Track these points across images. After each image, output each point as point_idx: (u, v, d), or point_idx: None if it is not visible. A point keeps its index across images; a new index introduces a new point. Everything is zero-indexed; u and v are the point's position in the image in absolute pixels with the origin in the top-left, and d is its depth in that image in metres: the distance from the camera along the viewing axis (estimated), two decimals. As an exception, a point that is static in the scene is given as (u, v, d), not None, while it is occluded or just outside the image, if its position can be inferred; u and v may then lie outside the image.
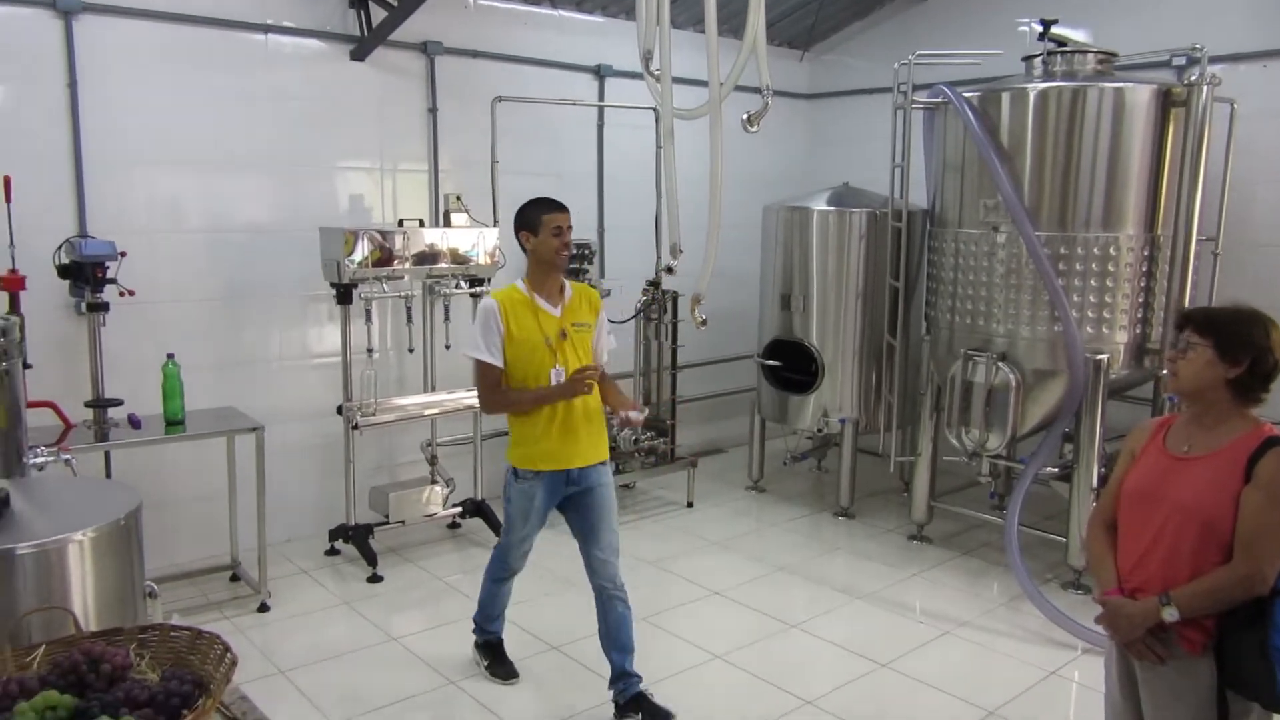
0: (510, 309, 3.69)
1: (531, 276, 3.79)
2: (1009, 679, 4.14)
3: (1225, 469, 2.34)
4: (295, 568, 5.17)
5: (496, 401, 3.77)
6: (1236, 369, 2.35)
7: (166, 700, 1.62)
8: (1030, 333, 5.03)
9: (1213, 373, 2.37)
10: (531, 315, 3.70)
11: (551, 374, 3.67)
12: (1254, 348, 2.34)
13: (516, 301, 3.72)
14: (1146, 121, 4.81)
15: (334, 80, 5.36)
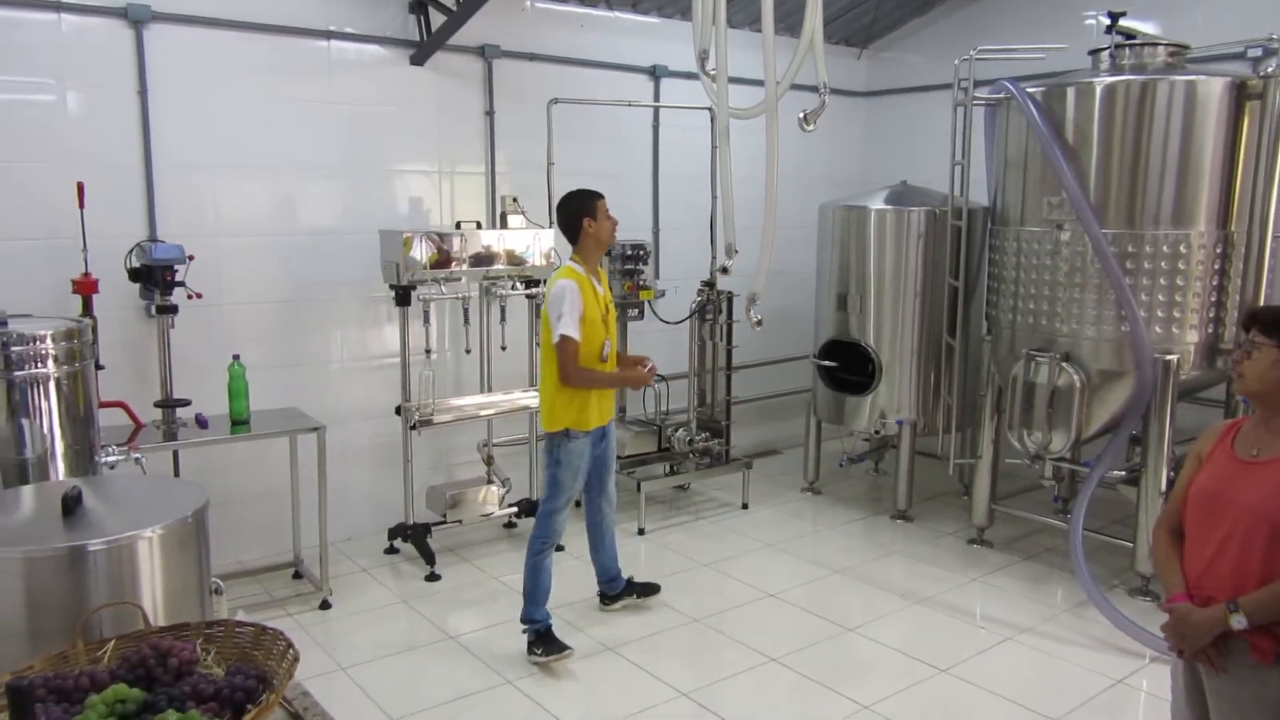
0: (582, 288, 4.08)
1: (587, 258, 4.21)
2: (1073, 687, 4.04)
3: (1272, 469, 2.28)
4: (355, 566, 5.26)
5: (582, 376, 4.10)
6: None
7: (231, 695, 1.65)
8: (1095, 332, 4.90)
9: (1278, 373, 2.31)
10: (593, 293, 4.14)
11: (604, 346, 4.15)
12: None
13: (582, 281, 4.11)
14: (1219, 115, 4.66)
15: (394, 85, 5.44)
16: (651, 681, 4.06)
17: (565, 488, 4.24)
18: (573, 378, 4.07)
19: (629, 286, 6.01)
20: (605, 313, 4.20)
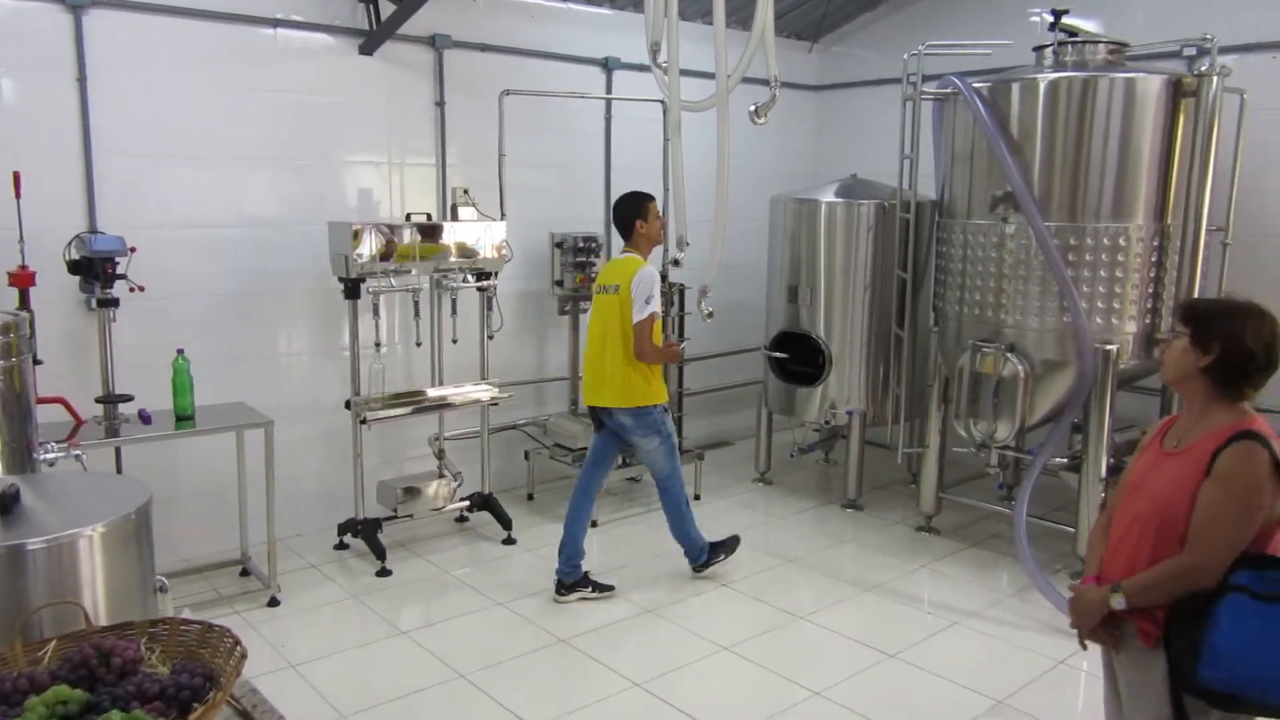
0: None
1: (640, 252, 4.77)
2: (1017, 669, 4.13)
3: (1193, 462, 2.33)
4: (304, 562, 5.19)
5: (656, 352, 4.68)
6: (1207, 357, 2.32)
7: (177, 693, 1.63)
8: (1039, 323, 5.01)
9: (1188, 361, 2.36)
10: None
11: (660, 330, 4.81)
12: (1224, 336, 2.31)
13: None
14: (1157, 112, 4.78)
15: (343, 74, 5.36)
16: (605, 673, 4.07)
17: (677, 448, 4.89)
18: (649, 353, 4.63)
19: (580, 279, 6.00)
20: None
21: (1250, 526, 2.24)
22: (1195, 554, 2.27)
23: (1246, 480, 2.24)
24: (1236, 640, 2.18)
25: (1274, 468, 2.24)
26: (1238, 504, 2.24)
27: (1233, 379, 2.33)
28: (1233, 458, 2.26)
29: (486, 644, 4.33)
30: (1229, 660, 2.18)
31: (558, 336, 6.45)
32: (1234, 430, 2.29)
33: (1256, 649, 2.16)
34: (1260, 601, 2.17)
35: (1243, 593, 2.19)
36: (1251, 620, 2.17)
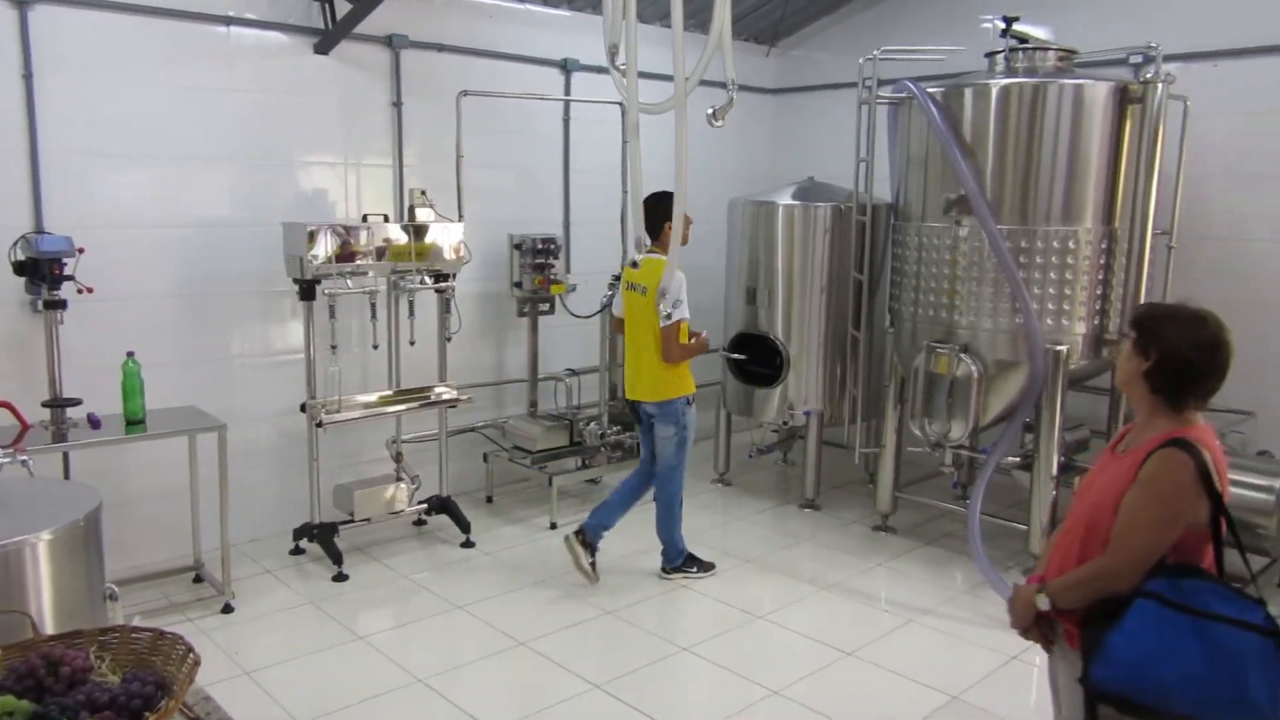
0: None
1: (665, 252, 4.68)
2: (971, 664, 4.20)
3: (1126, 468, 2.32)
4: (259, 568, 5.12)
5: (682, 350, 4.79)
6: (1147, 363, 2.31)
7: (128, 702, 1.61)
8: (992, 324, 5.09)
9: (1130, 366, 2.36)
10: None
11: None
12: (1162, 343, 2.29)
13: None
14: (1104, 118, 4.89)
15: (297, 73, 5.30)
16: (564, 675, 4.07)
17: (689, 444, 4.98)
18: (675, 354, 4.76)
19: (539, 281, 5.99)
20: None
21: (1167, 533, 2.22)
22: (1111, 557, 2.27)
23: (1166, 487, 2.23)
24: (1135, 644, 2.15)
25: (1199, 476, 2.21)
26: (1155, 510, 2.23)
27: (1171, 386, 2.30)
28: (1156, 464, 2.25)
29: (445, 648, 4.30)
30: (1122, 662, 2.16)
31: (517, 338, 6.43)
32: (1167, 437, 2.28)
33: (1155, 656, 2.13)
34: (1167, 609, 2.15)
35: (1154, 599, 2.16)
36: (1155, 626, 2.14)
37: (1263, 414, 5.38)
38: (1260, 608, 2.13)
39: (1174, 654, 2.11)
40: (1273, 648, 2.08)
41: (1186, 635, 2.11)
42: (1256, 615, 2.11)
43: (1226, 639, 2.09)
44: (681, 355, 4.79)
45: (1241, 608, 2.13)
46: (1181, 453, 2.23)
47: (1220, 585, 2.19)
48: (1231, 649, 2.08)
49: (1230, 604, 2.13)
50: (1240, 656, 2.08)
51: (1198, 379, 2.29)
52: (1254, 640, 2.09)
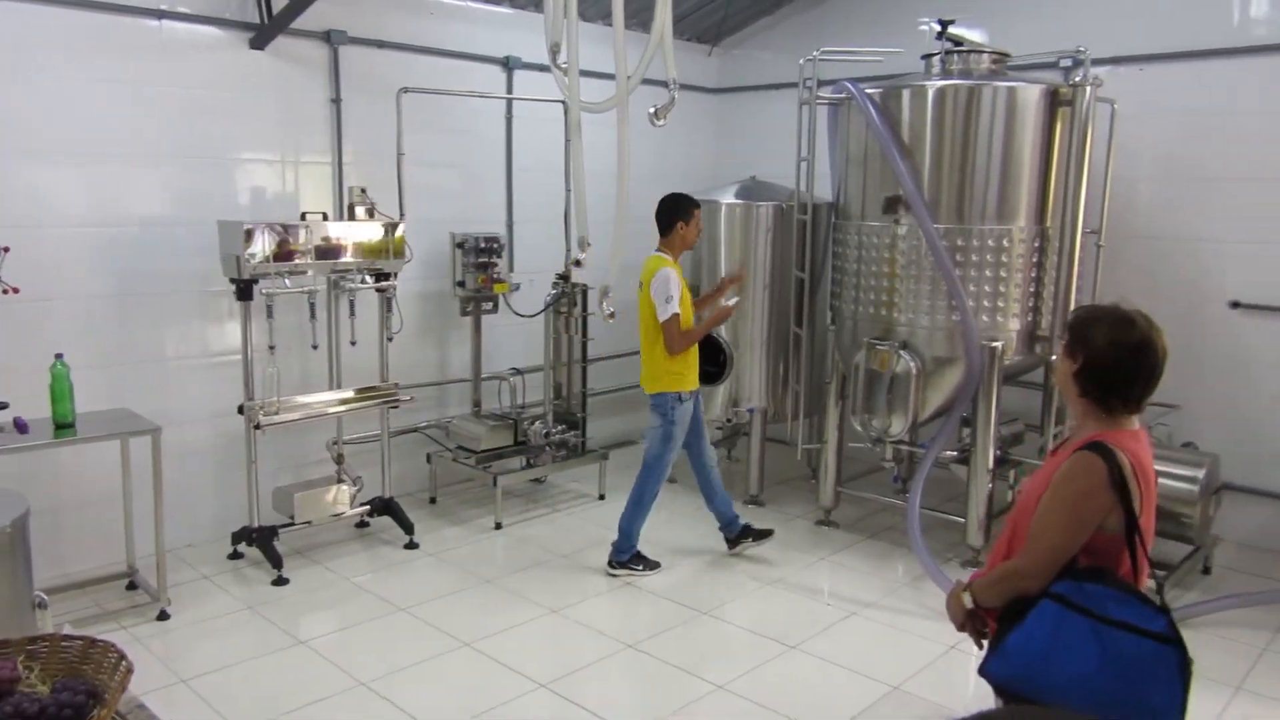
0: (678, 273, 4.91)
1: (674, 251, 5.00)
2: (912, 655, 4.28)
3: (1050, 470, 2.33)
4: (196, 573, 5.02)
5: (685, 338, 4.91)
6: (1075, 365, 2.29)
7: (58, 712, 1.57)
8: (930, 321, 5.19)
9: (1063, 368, 2.35)
10: (682, 277, 4.97)
11: (695, 320, 5.08)
12: (1089, 345, 2.27)
13: (677, 268, 4.94)
14: (1036, 119, 5.02)
15: (232, 69, 5.20)
16: (509, 675, 4.06)
17: (675, 441, 5.06)
18: (677, 346, 4.89)
19: (483, 280, 5.96)
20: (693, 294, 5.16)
21: (1073, 536, 2.23)
22: (1021, 558, 2.29)
23: (1075, 489, 2.23)
24: (1030, 642, 2.18)
25: (1111, 481, 2.19)
26: (1063, 512, 2.24)
27: (1097, 388, 2.28)
28: (1068, 467, 2.25)
29: (389, 650, 4.26)
30: (1016, 658, 2.19)
31: (460, 338, 6.38)
32: (1087, 440, 2.26)
33: (1050, 655, 2.15)
34: (1069, 610, 2.16)
35: (1057, 601, 2.18)
36: (1053, 627, 2.16)
37: (1187, 407, 5.56)
38: (1162, 615, 2.13)
39: (1069, 655, 2.13)
40: (1170, 655, 2.10)
41: (1084, 638, 2.13)
42: (1157, 623, 2.12)
43: (1123, 644, 2.10)
44: (682, 345, 4.91)
45: (1143, 615, 2.13)
46: (1094, 456, 2.21)
47: (1124, 591, 2.18)
48: (1127, 654, 2.10)
49: (1131, 610, 2.14)
50: (1135, 662, 2.09)
51: (1123, 382, 2.26)
52: (1150, 647, 2.10)
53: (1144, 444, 2.33)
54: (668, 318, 4.84)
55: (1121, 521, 2.23)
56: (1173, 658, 2.11)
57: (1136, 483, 2.23)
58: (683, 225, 4.99)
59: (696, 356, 5.06)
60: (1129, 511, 2.22)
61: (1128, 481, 2.21)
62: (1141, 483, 2.24)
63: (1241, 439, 5.50)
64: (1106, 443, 2.23)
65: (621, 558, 5.13)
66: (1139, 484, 2.23)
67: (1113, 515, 2.22)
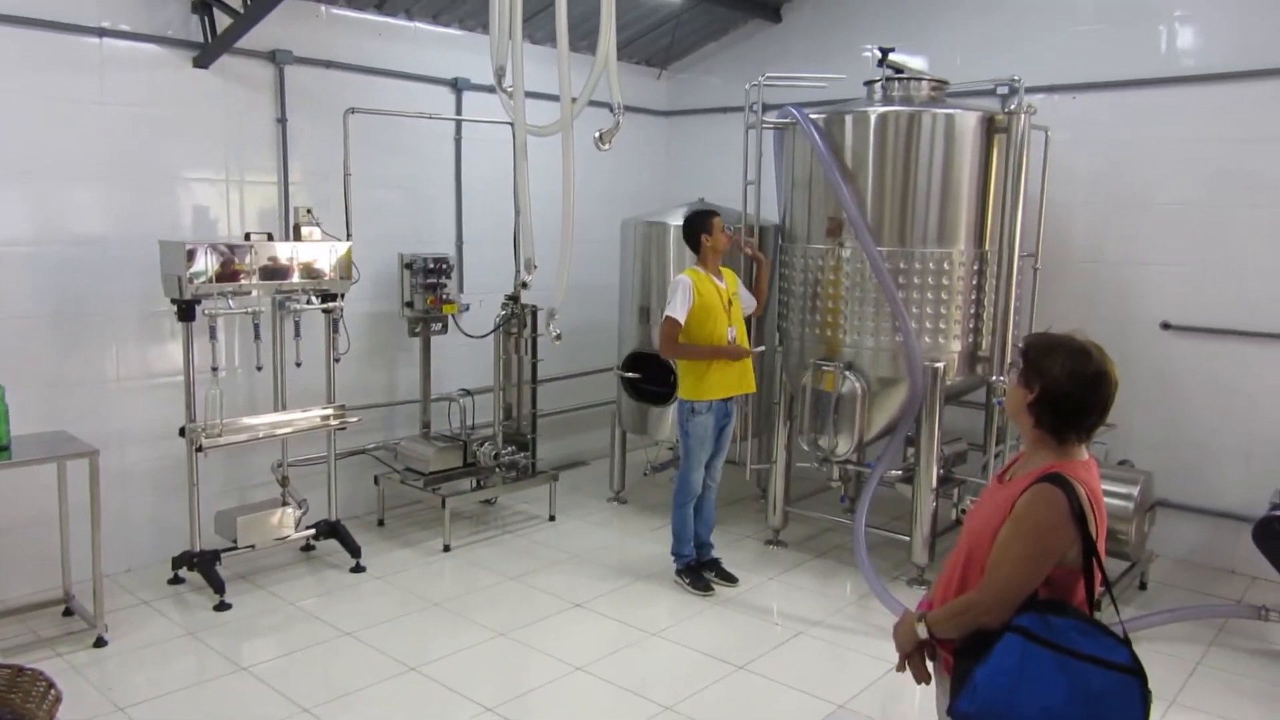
0: (699, 283, 5.02)
1: (705, 263, 5.12)
2: (858, 673, 4.32)
3: (1005, 500, 2.32)
4: (135, 599, 4.91)
5: (676, 350, 5.06)
6: (1030, 395, 2.30)
7: (-19, 743, 1.54)
8: (874, 343, 5.28)
9: (1016, 397, 2.35)
10: (713, 287, 5.05)
11: (729, 331, 5.06)
12: (1043, 375, 2.29)
13: (701, 277, 5.06)
14: (974, 145, 5.15)
15: (175, 88, 5.15)
16: (457, 699, 4.02)
17: (693, 453, 5.13)
18: (668, 351, 5.10)
19: (431, 300, 5.94)
20: (728, 304, 5.07)
21: (1036, 569, 2.23)
22: (982, 591, 2.28)
23: (1036, 522, 2.23)
24: (997, 679, 2.17)
25: (1072, 513, 2.20)
26: (1025, 545, 2.23)
27: (1052, 419, 2.29)
28: (1029, 500, 2.25)
29: (334, 676, 4.20)
30: (983, 696, 2.18)
31: (409, 359, 6.34)
32: (1045, 471, 2.27)
33: (1018, 691, 2.15)
34: (1034, 644, 2.16)
35: (1021, 634, 2.18)
36: (1018, 661, 2.16)
37: (1123, 425, 5.70)
38: (1125, 647, 2.16)
39: (1037, 689, 2.13)
40: (1134, 686, 2.13)
41: (1050, 671, 2.14)
42: (1121, 655, 2.14)
43: (1089, 677, 2.12)
44: (667, 351, 5.11)
45: (1107, 647, 2.15)
46: (1055, 489, 2.22)
47: (1088, 623, 2.20)
48: (1094, 688, 2.12)
49: (1096, 642, 2.16)
50: (1102, 695, 2.12)
51: (1079, 413, 2.28)
52: (1115, 679, 2.12)
53: (1095, 474, 2.35)
54: (664, 319, 4.99)
55: (1079, 553, 2.24)
56: (1136, 689, 2.13)
57: (1093, 515, 2.25)
58: (706, 238, 5.08)
59: (723, 369, 5.06)
60: (1088, 542, 2.23)
61: (1086, 513, 2.22)
62: (1097, 513, 2.27)
63: (1175, 456, 5.66)
64: (1064, 474, 2.25)
65: (676, 567, 5.31)
66: (1094, 516, 2.25)
67: (1073, 547, 2.24)
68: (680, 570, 5.29)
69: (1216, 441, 5.57)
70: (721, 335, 5.03)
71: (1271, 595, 4.86)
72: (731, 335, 5.07)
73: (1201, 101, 5.49)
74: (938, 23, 6.41)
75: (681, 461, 5.24)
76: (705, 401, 5.05)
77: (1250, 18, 5.33)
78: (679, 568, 5.30)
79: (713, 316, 5.01)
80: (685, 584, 5.22)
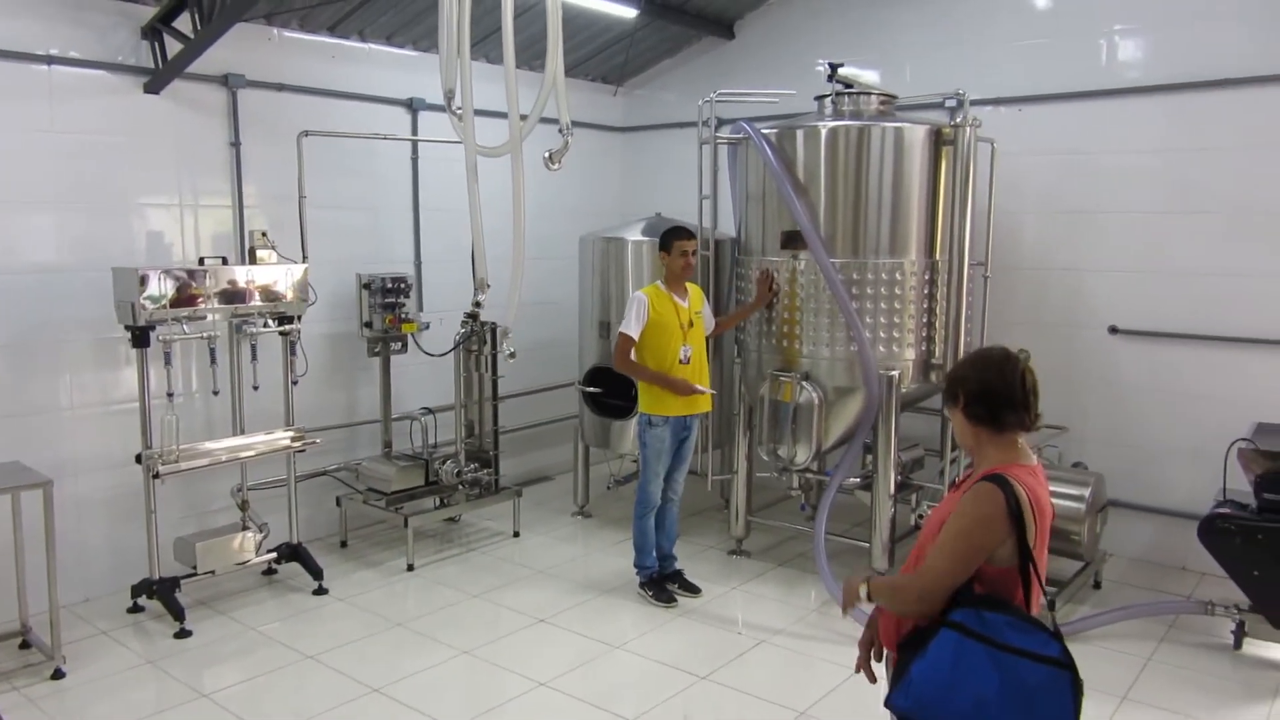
0: (656, 299, 5.08)
1: (667, 281, 5.15)
2: (819, 680, 4.37)
3: (953, 500, 2.44)
4: (94, 629, 4.86)
5: (627, 366, 5.12)
6: (958, 406, 2.45)
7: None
8: (830, 353, 5.36)
9: (955, 418, 2.49)
10: (671, 305, 5.10)
11: (682, 350, 5.09)
12: (963, 384, 2.43)
13: (661, 295, 5.11)
14: (922, 158, 5.25)
15: (127, 114, 5.13)
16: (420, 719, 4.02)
17: (650, 465, 5.18)
18: (620, 365, 5.15)
19: (390, 320, 5.95)
20: (688, 324, 5.11)
21: (964, 562, 2.31)
22: (916, 575, 2.39)
23: (971, 517, 2.32)
24: (932, 673, 2.26)
25: (1008, 512, 2.28)
26: (958, 539, 2.33)
27: (984, 409, 2.40)
28: (968, 496, 2.35)
29: (297, 700, 4.19)
30: (919, 690, 2.28)
31: (369, 379, 6.34)
32: (988, 473, 2.36)
33: (953, 684, 2.23)
34: (968, 639, 2.24)
35: (956, 629, 2.26)
36: (953, 656, 2.24)
37: (1075, 428, 5.84)
38: (1057, 642, 2.23)
39: (970, 682, 2.22)
40: (1065, 680, 2.21)
41: (984, 665, 2.22)
42: (1052, 649, 2.22)
43: (1020, 670, 2.20)
44: (620, 365, 5.17)
45: (1038, 641, 2.23)
46: (994, 487, 2.31)
47: (1020, 619, 2.27)
48: (1026, 681, 2.19)
49: (1028, 637, 2.23)
50: (1034, 688, 2.20)
51: (1002, 393, 2.39)
52: (1046, 672, 2.20)
53: (1040, 480, 2.43)
54: (618, 334, 5.10)
55: (1014, 553, 2.32)
56: (1066, 682, 2.21)
57: (1032, 516, 2.32)
58: (665, 256, 5.12)
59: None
60: (1023, 543, 2.31)
61: (1024, 513, 2.30)
62: (1037, 516, 2.34)
63: (1126, 458, 5.79)
64: (1006, 476, 2.34)
65: (639, 579, 5.35)
66: (1034, 517, 2.33)
67: (1006, 545, 2.31)
68: (643, 583, 5.31)
69: (1165, 442, 5.70)
70: (674, 354, 5.07)
71: (1220, 590, 4.98)
72: (685, 354, 5.10)
73: (1145, 113, 5.63)
74: (888, 37, 6.53)
75: (640, 473, 5.28)
76: (662, 415, 5.12)
77: (1191, 31, 5.47)
78: (642, 580, 5.32)
79: (667, 334, 5.06)
80: (648, 596, 5.25)
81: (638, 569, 5.36)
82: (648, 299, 5.07)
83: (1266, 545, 4.36)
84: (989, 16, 6.14)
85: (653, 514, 5.29)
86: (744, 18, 7.25)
